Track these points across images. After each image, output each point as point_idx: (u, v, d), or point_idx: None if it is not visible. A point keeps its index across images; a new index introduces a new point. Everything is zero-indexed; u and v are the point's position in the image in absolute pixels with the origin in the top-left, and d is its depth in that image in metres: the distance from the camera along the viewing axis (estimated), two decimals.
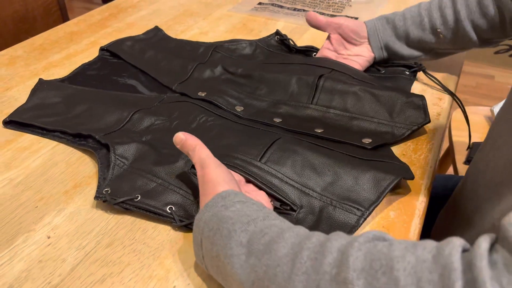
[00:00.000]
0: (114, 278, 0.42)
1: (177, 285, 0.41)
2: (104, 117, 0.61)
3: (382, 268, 0.27)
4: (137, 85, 0.72)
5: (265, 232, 0.35)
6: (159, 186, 0.49)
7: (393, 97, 0.61)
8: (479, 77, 2.22)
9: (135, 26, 0.93)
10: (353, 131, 0.59)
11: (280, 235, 0.34)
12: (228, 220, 0.37)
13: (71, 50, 0.83)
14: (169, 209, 0.47)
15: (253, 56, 0.79)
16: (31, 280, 0.42)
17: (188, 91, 0.68)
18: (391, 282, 0.26)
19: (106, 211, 0.49)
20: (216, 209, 0.38)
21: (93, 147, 0.56)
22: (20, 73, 0.76)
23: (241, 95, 0.67)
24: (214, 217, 0.38)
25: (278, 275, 0.31)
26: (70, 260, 0.44)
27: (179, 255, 0.44)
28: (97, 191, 0.49)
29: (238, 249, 0.35)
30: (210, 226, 0.38)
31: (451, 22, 0.66)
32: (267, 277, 0.32)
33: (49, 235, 0.46)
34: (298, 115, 0.62)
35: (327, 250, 0.31)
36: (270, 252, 0.33)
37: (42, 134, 0.60)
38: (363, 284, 0.27)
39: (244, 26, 0.94)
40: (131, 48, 0.81)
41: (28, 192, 0.52)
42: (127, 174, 0.51)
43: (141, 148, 0.54)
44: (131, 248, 0.45)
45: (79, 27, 0.92)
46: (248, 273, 0.33)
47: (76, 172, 0.55)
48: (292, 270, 0.31)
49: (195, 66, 0.74)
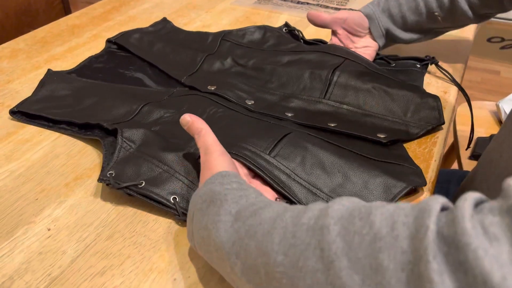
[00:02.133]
0: (114, 270, 0.41)
1: (177, 277, 0.41)
2: (113, 109, 0.61)
3: (361, 214, 0.27)
4: (144, 78, 0.71)
5: (254, 204, 0.35)
6: (164, 173, 0.49)
7: (408, 97, 0.61)
8: (484, 72, 2.20)
9: (137, 19, 0.93)
10: (367, 126, 0.59)
11: (268, 205, 0.34)
12: (222, 193, 0.37)
13: (73, 43, 0.83)
14: (172, 199, 0.46)
15: (263, 40, 0.78)
16: (31, 272, 0.41)
17: (197, 84, 0.67)
18: (366, 225, 0.26)
19: (107, 204, 0.49)
20: (213, 185, 0.38)
21: (99, 136, 0.56)
22: (22, 66, 0.75)
23: (251, 88, 0.66)
24: (210, 191, 0.38)
25: (258, 232, 0.31)
26: (70, 252, 0.43)
27: (179, 248, 0.44)
28: (101, 173, 0.49)
29: (226, 217, 0.35)
30: (204, 198, 0.38)
31: (446, 3, 0.66)
32: (248, 235, 0.32)
33: (49, 227, 0.46)
34: (310, 109, 0.62)
35: (309, 208, 0.30)
36: (255, 216, 0.33)
37: (48, 127, 0.60)
38: (339, 228, 0.27)
39: (247, 19, 0.93)
40: (139, 40, 0.80)
41: (29, 184, 0.51)
42: (132, 158, 0.50)
43: (149, 134, 0.53)
44: (131, 241, 0.44)
45: (81, 20, 0.92)
46: (230, 235, 0.33)
47: (77, 164, 0.54)
48: (272, 226, 0.31)
49: (204, 57, 0.73)
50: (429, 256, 0.22)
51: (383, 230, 0.25)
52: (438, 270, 0.22)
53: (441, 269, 0.22)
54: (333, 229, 0.27)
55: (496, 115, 1.09)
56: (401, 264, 0.23)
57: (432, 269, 0.22)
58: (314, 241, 0.27)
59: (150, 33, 0.83)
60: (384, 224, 0.25)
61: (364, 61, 0.68)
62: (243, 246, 0.32)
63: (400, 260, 0.23)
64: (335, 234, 0.26)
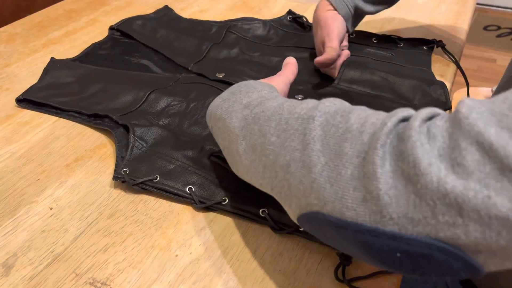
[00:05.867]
0: (116, 247, 0.42)
1: (179, 254, 0.42)
2: (120, 96, 0.61)
3: (343, 113, 0.31)
4: (149, 64, 0.71)
5: (263, 96, 0.41)
6: (178, 168, 0.49)
7: (415, 84, 0.63)
8: (481, 60, 2.21)
9: (135, 3, 0.92)
10: (376, 108, 0.60)
11: (274, 98, 0.39)
12: (243, 89, 0.42)
13: (70, 27, 0.83)
14: (188, 190, 0.47)
15: (267, 37, 0.79)
16: (34, 249, 0.42)
17: (205, 71, 0.67)
18: (343, 121, 0.30)
19: (108, 184, 0.49)
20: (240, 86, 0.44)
21: (109, 126, 0.56)
22: (20, 50, 0.75)
23: (260, 75, 0.67)
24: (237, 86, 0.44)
25: (261, 118, 0.37)
26: (73, 230, 0.44)
27: (181, 226, 0.44)
28: (115, 171, 0.49)
29: (237, 106, 0.40)
30: (231, 90, 0.43)
31: None
32: (253, 121, 0.37)
33: (51, 207, 0.47)
34: (320, 92, 0.63)
35: (304, 101, 0.35)
36: (260, 105, 0.38)
37: (57, 114, 0.60)
38: (322, 120, 0.31)
39: (244, 3, 0.93)
40: (142, 27, 0.79)
41: (30, 165, 0.52)
42: (145, 156, 0.51)
43: (160, 133, 0.54)
44: (133, 219, 0.45)
45: (78, 5, 0.91)
46: (241, 120, 0.39)
47: (77, 146, 0.55)
48: (272, 113, 0.36)
49: (210, 46, 0.74)
50: (378, 145, 0.27)
51: (354, 126, 0.30)
52: (382, 156, 0.26)
53: (385, 156, 0.26)
54: (317, 120, 0.32)
55: None
56: (357, 152, 0.28)
57: (377, 154, 0.27)
58: (301, 128, 0.32)
59: (152, 19, 0.83)
60: (357, 121, 0.30)
61: (370, 53, 0.71)
62: (249, 130, 0.37)
63: (358, 149, 0.28)
64: (318, 124, 0.31)
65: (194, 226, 0.44)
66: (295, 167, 0.31)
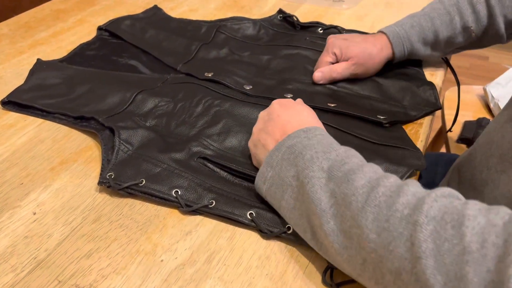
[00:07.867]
0: (100, 253, 0.41)
1: (164, 259, 0.41)
2: (107, 98, 0.60)
3: (453, 222, 0.29)
4: (138, 65, 0.70)
5: (345, 162, 0.38)
6: (164, 171, 0.48)
7: (404, 86, 0.63)
8: (473, 58, 2.21)
9: (124, 3, 0.91)
10: (366, 108, 0.60)
11: (359, 167, 0.37)
12: (312, 147, 0.40)
13: (58, 28, 0.82)
14: (174, 193, 0.46)
15: (257, 36, 0.78)
16: (17, 255, 0.41)
17: (193, 71, 0.66)
18: (457, 235, 0.28)
19: (93, 187, 0.48)
20: (300, 138, 0.42)
21: (95, 128, 0.55)
22: (6, 51, 0.74)
23: (249, 74, 0.66)
24: (298, 143, 0.41)
25: (352, 204, 0.34)
26: (56, 236, 0.43)
27: (166, 230, 0.44)
28: (100, 175, 0.48)
29: (319, 173, 0.38)
30: (293, 150, 0.41)
31: (484, 18, 0.62)
32: (344, 204, 0.35)
33: (35, 211, 0.46)
34: (309, 91, 0.63)
35: (403, 192, 0.33)
36: (348, 182, 0.36)
37: (43, 116, 0.59)
38: (431, 230, 0.29)
39: (234, 2, 0.92)
40: (131, 27, 0.78)
41: (14, 169, 0.51)
42: (131, 160, 0.50)
43: (146, 135, 0.53)
44: (118, 224, 0.44)
45: (66, 5, 0.90)
46: (328, 196, 0.36)
47: (63, 149, 0.54)
48: (366, 201, 0.34)
49: (199, 46, 0.73)
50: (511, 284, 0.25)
51: (473, 245, 0.27)
52: None
53: None
54: (426, 228, 0.29)
55: (483, 99, 1.10)
56: (484, 281, 0.26)
57: None
58: (407, 233, 0.30)
59: (141, 19, 0.82)
60: (475, 239, 0.27)
61: None
62: (340, 211, 0.35)
63: (484, 277, 0.26)
64: (427, 234, 0.29)
65: (180, 230, 0.44)
66: (408, 278, 0.30)
